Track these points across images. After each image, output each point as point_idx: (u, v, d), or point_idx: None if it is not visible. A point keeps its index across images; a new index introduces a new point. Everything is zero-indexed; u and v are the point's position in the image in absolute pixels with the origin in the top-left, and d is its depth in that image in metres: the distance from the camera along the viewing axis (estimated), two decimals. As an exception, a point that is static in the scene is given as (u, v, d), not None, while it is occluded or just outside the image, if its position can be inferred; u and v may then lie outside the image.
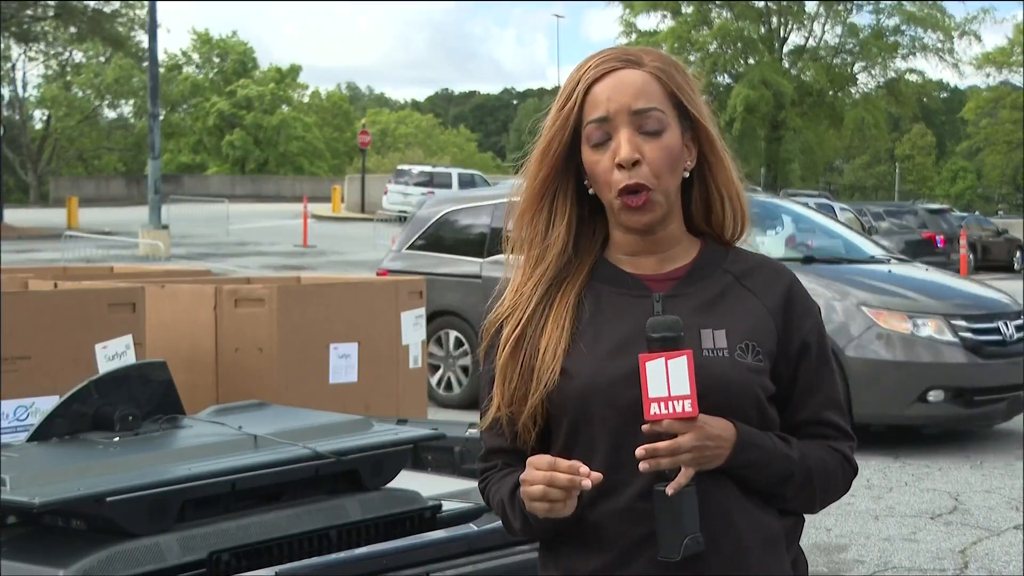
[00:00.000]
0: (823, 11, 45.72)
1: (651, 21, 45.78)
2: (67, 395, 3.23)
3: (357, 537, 3.00)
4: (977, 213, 44.54)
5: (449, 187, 40.13)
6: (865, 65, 46.31)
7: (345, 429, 3.28)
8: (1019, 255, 33.52)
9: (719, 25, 44.86)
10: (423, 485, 3.34)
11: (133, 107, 67.77)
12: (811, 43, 46.75)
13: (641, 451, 1.77)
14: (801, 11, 45.86)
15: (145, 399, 3.31)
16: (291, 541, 2.88)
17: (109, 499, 2.68)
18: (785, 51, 46.81)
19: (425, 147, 75.43)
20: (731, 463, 1.84)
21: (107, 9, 45.88)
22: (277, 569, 2.60)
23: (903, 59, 45.81)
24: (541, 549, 1.99)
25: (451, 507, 3.22)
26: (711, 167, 1.96)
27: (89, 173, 66.16)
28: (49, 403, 3.70)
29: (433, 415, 7.77)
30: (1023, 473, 7.93)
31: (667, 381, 1.77)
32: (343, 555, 2.77)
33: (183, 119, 71.02)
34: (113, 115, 70.58)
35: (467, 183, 40.98)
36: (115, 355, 4.68)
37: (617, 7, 47.36)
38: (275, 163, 70.09)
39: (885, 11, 45.53)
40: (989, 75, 62.24)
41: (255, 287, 5.59)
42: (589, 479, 1.77)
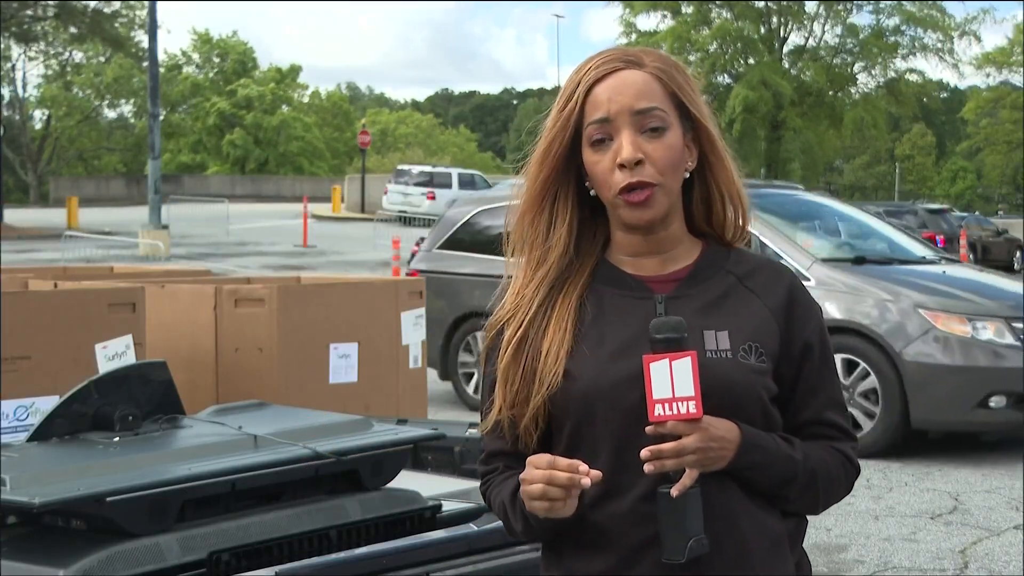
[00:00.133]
0: (823, 11, 45.69)
1: (651, 21, 45.77)
2: (67, 395, 3.23)
3: (357, 537, 3.00)
4: (977, 213, 44.52)
5: (449, 187, 40.14)
6: (865, 65, 46.29)
7: (345, 429, 3.28)
8: (1019, 255, 33.50)
9: (719, 25, 44.82)
10: (423, 485, 3.34)
11: (133, 107, 67.78)
12: (811, 43, 46.73)
13: (646, 453, 1.77)
14: (801, 11, 45.82)
15: (145, 399, 3.31)
16: (291, 541, 2.88)
17: (109, 499, 2.68)
18: (785, 51, 46.79)
19: (425, 147, 75.41)
20: (735, 464, 1.84)
21: (107, 9, 45.87)
22: (277, 569, 2.60)
23: (903, 59, 45.81)
24: (544, 551, 1.98)
25: (451, 507, 3.22)
26: (712, 167, 1.95)
27: (89, 173, 66.13)
28: (49, 403, 3.70)
29: (433, 415, 7.76)
30: (1023, 473, 7.93)
31: (671, 382, 1.76)
32: (343, 555, 2.77)
33: (183, 119, 71.00)
34: (113, 115, 70.68)
35: (467, 183, 40.98)
36: (115, 355, 4.68)
37: (617, 7, 47.35)
38: (275, 163, 70.07)
39: (885, 11, 45.51)
40: (989, 75, 62.29)
41: (255, 287, 5.59)
42: (588, 477, 1.77)
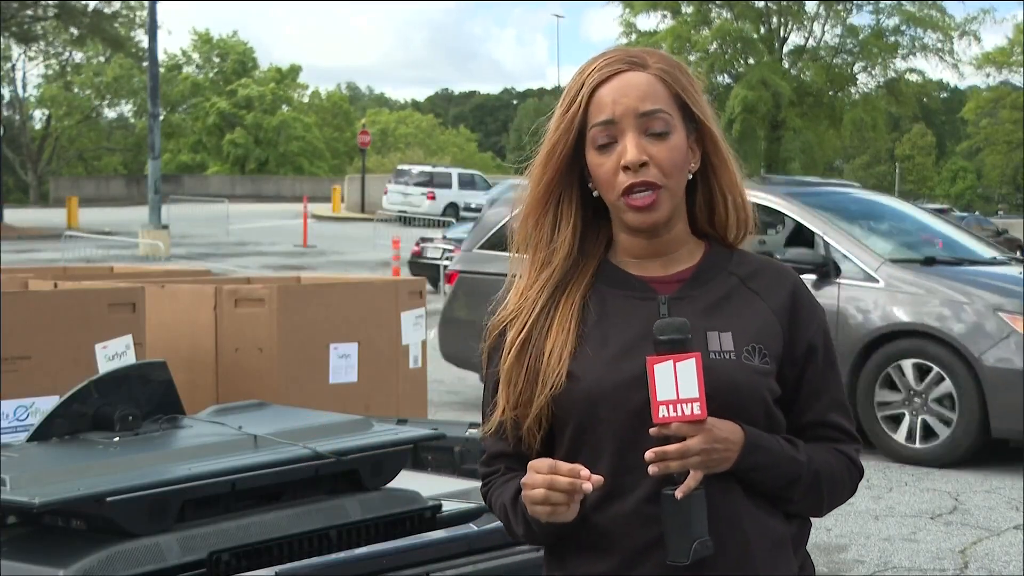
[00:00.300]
0: (823, 11, 45.68)
1: (651, 21, 45.71)
2: (67, 395, 3.23)
3: (357, 537, 3.00)
4: (977, 213, 44.56)
5: (449, 187, 40.19)
6: (865, 65, 46.28)
7: (345, 429, 3.28)
8: (1019, 255, 33.46)
9: (719, 25, 44.78)
10: (423, 485, 3.34)
11: (133, 107, 67.74)
12: (811, 43, 46.72)
13: (651, 454, 1.77)
14: (801, 11, 45.80)
15: (145, 399, 3.31)
16: (291, 541, 2.88)
17: (109, 499, 2.68)
18: (785, 51, 46.78)
19: (425, 147, 75.34)
20: (739, 466, 1.83)
21: (107, 10, 45.85)
22: (277, 569, 2.60)
23: (903, 59, 45.80)
24: (546, 553, 1.98)
25: (451, 507, 3.22)
26: (715, 169, 1.95)
27: (89, 173, 66.11)
28: (49, 403, 3.70)
29: (433, 415, 7.76)
30: (1023, 473, 7.93)
31: (675, 384, 1.76)
32: (343, 555, 2.77)
33: (183, 119, 70.98)
34: (113, 115, 70.62)
35: (467, 183, 41.02)
36: (115, 355, 4.68)
37: (617, 7, 47.22)
38: (275, 163, 70.06)
39: (885, 11, 45.50)
40: (989, 75, 62.23)
41: (255, 287, 5.59)
42: (590, 483, 1.76)
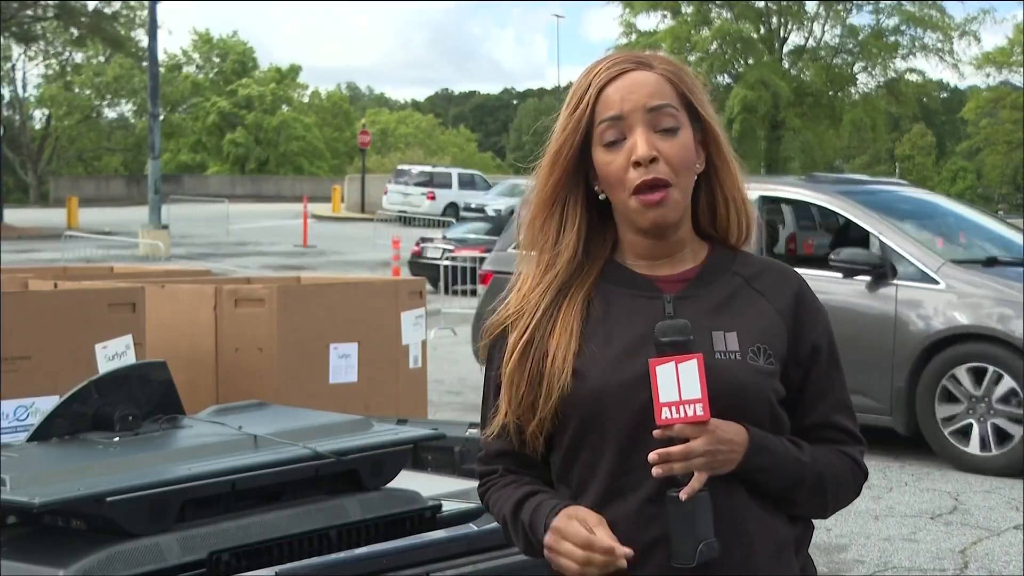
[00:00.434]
0: (823, 11, 45.68)
1: (651, 21, 45.70)
2: (67, 395, 3.23)
3: (357, 537, 3.00)
4: (977, 213, 44.43)
5: (449, 187, 40.17)
6: (865, 65, 46.28)
7: (345, 429, 3.28)
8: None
9: (719, 26, 44.78)
10: (423, 485, 3.34)
11: (133, 107, 67.72)
12: (811, 43, 46.72)
13: (654, 456, 1.77)
14: (801, 11, 45.80)
15: (145, 399, 3.31)
16: (291, 541, 2.88)
17: (109, 499, 2.68)
18: (785, 51, 46.77)
19: (425, 147, 75.31)
20: (743, 467, 1.83)
21: (107, 10, 45.83)
22: (277, 569, 2.59)
23: (903, 59, 45.79)
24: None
25: (451, 507, 3.21)
26: (718, 171, 1.95)
27: (89, 173, 66.10)
28: (49, 403, 3.70)
29: (433, 415, 7.76)
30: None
31: (678, 385, 1.76)
32: (343, 555, 2.77)
33: (183, 119, 70.96)
34: (113, 115, 70.57)
35: (467, 183, 41.02)
36: (115, 355, 4.68)
37: (616, 7, 47.22)
38: (275, 163, 70.05)
39: (885, 11, 45.50)
40: (989, 75, 62.17)
41: (255, 287, 5.59)
42: (624, 560, 1.76)
